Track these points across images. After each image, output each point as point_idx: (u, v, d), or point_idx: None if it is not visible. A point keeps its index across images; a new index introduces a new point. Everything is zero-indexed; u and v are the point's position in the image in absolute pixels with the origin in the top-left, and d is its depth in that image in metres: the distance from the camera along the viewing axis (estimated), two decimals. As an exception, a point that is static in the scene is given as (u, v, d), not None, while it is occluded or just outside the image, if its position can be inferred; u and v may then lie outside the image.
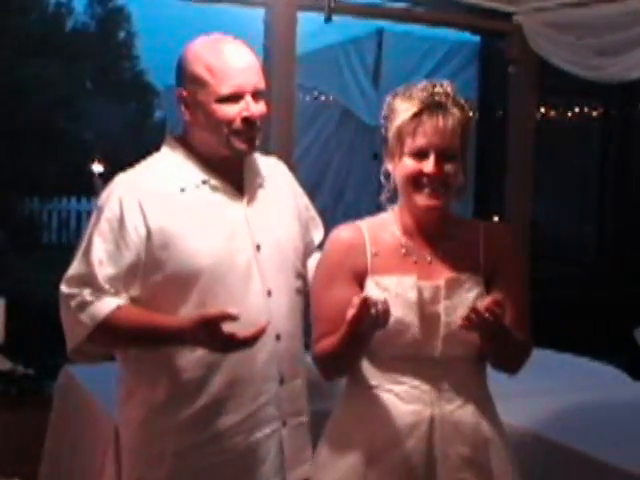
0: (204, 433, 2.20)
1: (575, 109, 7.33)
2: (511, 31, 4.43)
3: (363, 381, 2.08)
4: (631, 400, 3.28)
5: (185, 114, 2.24)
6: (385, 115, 2.09)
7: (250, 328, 2.03)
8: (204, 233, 2.18)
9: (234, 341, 2.03)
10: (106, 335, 2.15)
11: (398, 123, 2.03)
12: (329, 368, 2.09)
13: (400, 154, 2.04)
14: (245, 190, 2.29)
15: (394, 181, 2.09)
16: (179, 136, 2.31)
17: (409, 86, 2.07)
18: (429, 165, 2.01)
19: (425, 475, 2.02)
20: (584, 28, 4.03)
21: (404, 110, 2.02)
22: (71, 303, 2.13)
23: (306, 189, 2.54)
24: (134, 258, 2.15)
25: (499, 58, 4.94)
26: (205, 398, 2.18)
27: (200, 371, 2.17)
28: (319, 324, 2.09)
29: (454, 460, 2.03)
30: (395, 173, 2.07)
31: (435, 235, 2.11)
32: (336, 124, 6.92)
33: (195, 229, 2.18)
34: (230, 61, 2.18)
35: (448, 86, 2.06)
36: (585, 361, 3.82)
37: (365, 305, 1.85)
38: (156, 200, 2.18)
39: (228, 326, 2.01)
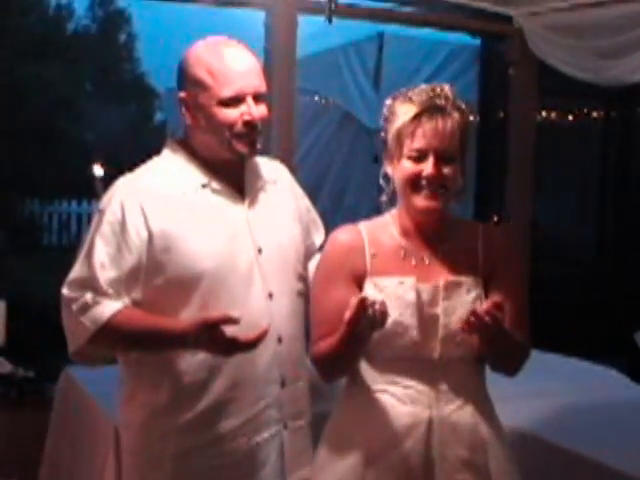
0: (205, 436, 2.19)
1: (575, 111, 7.33)
2: (511, 34, 4.46)
3: (362, 382, 2.08)
4: (630, 402, 3.28)
5: (186, 117, 2.23)
6: (385, 117, 2.09)
7: (251, 331, 2.04)
8: (206, 236, 2.18)
9: (236, 344, 2.03)
10: (108, 338, 2.14)
11: (397, 125, 2.04)
12: (327, 369, 2.10)
13: (399, 156, 2.05)
14: (246, 193, 2.29)
15: (393, 183, 2.10)
16: (180, 139, 2.31)
17: (409, 89, 2.08)
18: (428, 167, 2.02)
19: (423, 476, 2.02)
20: (584, 31, 4.03)
21: (404, 112, 2.03)
22: (73, 306, 2.13)
23: (306, 192, 2.54)
24: (136, 261, 2.15)
25: (499, 61, 4.96)
26: (206, 401, 2.18)
27: (201, 374, 2.17)
28: (318, 325, 2.09)
29: (452, 461, 2.03)
30: (394, 175, 2.08)
31: (434, 237, 2.11)
32: (336, 127, 6.90)
33: (197, 232, 2.18)
34: (231, 64, 2.18)
35: (448, 89, 2.06)
36: (584, 363, 3.82)
37: (362, 306, 1.85)
38: (158, 203, 2.18)
39: (230, 329, 2.01)
